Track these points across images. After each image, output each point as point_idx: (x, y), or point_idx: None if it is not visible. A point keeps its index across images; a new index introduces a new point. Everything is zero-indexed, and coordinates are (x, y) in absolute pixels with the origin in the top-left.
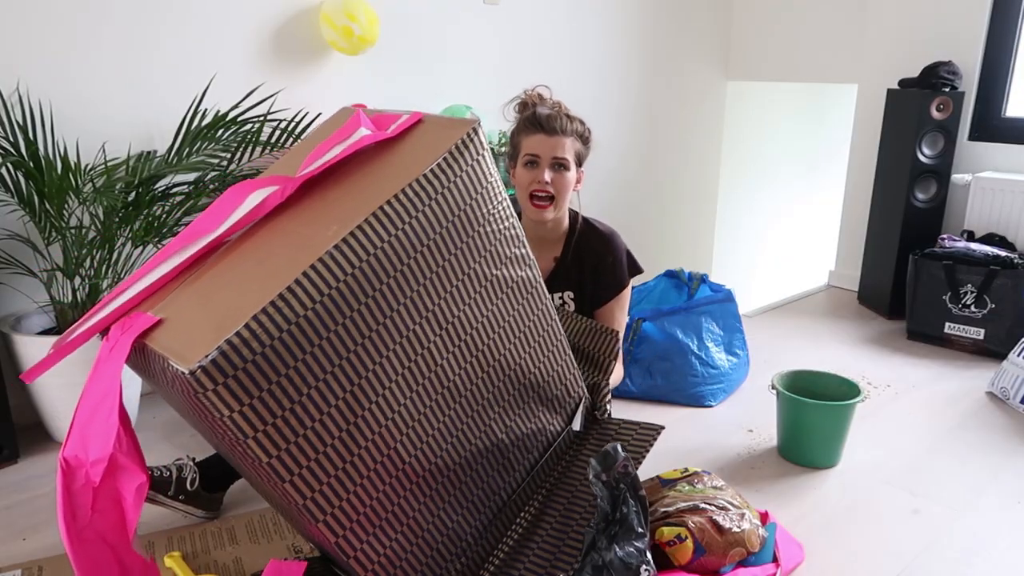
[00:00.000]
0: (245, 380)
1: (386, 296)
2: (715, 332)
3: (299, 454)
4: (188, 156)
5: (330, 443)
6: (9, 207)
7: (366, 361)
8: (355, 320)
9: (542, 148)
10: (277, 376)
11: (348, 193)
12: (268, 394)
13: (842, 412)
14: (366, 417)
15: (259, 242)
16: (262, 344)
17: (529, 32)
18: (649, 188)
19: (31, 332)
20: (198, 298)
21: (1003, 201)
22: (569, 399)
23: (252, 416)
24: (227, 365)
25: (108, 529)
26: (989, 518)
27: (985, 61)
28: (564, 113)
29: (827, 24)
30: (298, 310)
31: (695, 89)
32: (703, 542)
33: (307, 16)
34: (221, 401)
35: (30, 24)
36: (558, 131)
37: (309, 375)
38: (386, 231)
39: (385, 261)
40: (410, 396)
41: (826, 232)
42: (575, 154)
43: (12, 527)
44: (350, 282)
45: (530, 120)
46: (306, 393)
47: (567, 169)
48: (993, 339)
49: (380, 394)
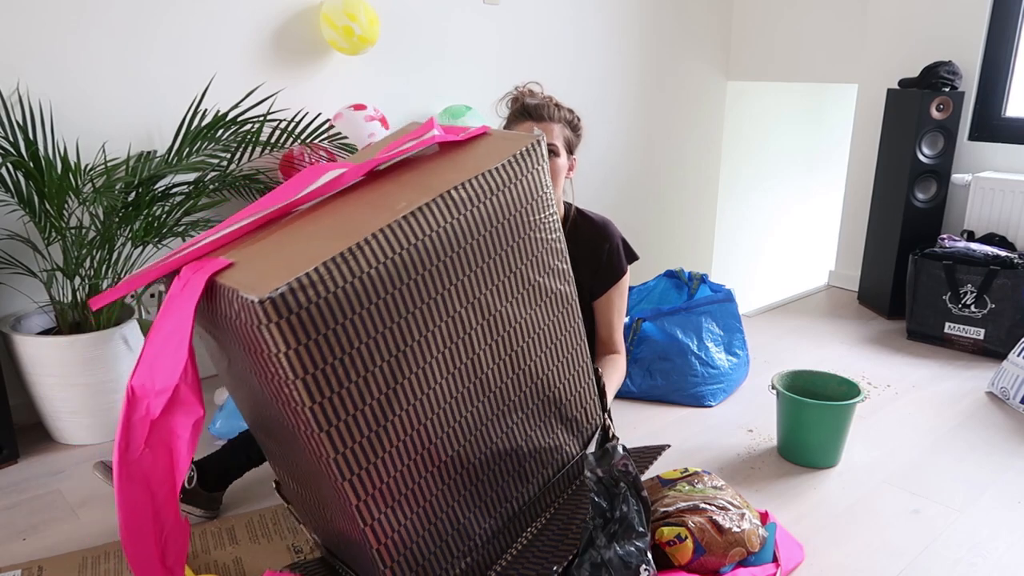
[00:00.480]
0: (306, 320)
1: (441, 274)
2: (715, 332)
3: (340, 406)
4: (188, 156)
5: (369, 403)
6: (9, 207)
7: (414, 331)
8: (411, 289)
9: None
10: (335, 323)
11: (418, 180)
12: (324, 339)
13: (842, 412)
14: (404, 386)
15: (331, 210)
16: (327, 289)
17: (529, 32)
18: (649, 188)
19: (31, 332)
20: (270, 248)
21: (1003, 201)
22: (587, 424)
23: (305, 357)
24: (293, 301)
25: (155, 470)
26: (989, 518)
27: (985, 61)
28: (553, 103)
29: (827, 24)
30: (363, 266)
31: (695, 89)
32: (703, 542)
33: (307, 16)
34: (281, 335)
35: (30, 24)
36: (546, 118)
37: (363, 330)
38: (449, 214)
39: (445, 241)
40: (446, 376)
41: (826, 232)
42: (564, 140)
43: (12, 527)
44: (412, 252)
45: (519, 110)
46: (357, 347)
47: (557, 155)
48: (993, 339)
49: (421, 367)
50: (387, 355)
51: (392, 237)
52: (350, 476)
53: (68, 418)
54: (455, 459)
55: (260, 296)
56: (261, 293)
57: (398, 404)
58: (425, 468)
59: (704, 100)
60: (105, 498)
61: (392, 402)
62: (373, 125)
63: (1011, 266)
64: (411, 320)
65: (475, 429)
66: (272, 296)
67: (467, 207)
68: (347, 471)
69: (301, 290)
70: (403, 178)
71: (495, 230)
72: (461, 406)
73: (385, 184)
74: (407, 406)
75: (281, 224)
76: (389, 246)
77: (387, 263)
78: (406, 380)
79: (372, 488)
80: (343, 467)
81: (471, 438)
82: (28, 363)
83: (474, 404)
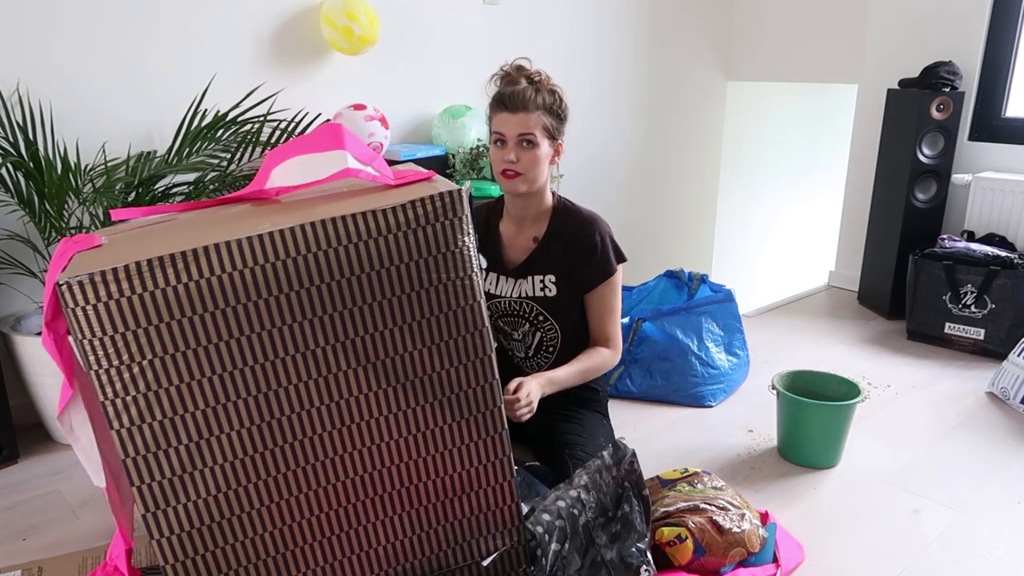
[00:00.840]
0: (115, 311)
1: (303, 302)
2: (715, 332)
3: (147, 408)
4: (188, 156)
5: (182, 413)
6: (9, 207)
7: (256, 352)
8: (257, 308)
9: (507, 127)
10: (153, 322)
11: (314, 207)
12: (134, 335)
13: (842, 412)
14: (229, 409)
15: (234, 215)
16: (146, 287)
17: (529, 32)
18: (649, 188)
19: (31, 332)
20: (140, 238)
21: (1003, 201)
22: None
23: (110, 348)
24: (104, 290)
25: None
26: (989, 518)
27: (985, 61)
28: (532, 87)
29: (827, 24)
30: (196, 273)
31: (695, 89)
32: (703, 542)
33: (307, 16)
34: (86, 320)
35: (30, 25)
36: (521, 108)
37: (189, 337)
38: (316, 243)
39: (311, 269)
40: (288, 415)
41: (826, 232)
42: (544, 128)
43: (12, 527)
44: (262, 271)
45: (496, 98)
46: (173, 353)
47: (535, 145)
48: (993, 339)
49: (256, 393)
50: (213, 370)
51: (237, 252)
52: (138, 484)
53: None
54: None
55: (64, 279)
56: (69, 275)
57: (220, 428)
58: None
59: (704, 100)
60: (105, 498)
61: (211, 425)
62: (373, 125)
63: (1011, 266)
64: (252, 340)
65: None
66: (80, 279)
67: (342, 241)
68: (135, 477)
69: (115, 281)
70: (307, 203)
71: (378, 273)
72: (302, 457)
73: (291, 204)
74: (229, 435)
75: (192, 216)
76: (231, 260)
77: (228, 275)
78: (230, 403)
79: (165, 504)
80: (133, 472)
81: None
82: (28, 363)
83: (321, 463)
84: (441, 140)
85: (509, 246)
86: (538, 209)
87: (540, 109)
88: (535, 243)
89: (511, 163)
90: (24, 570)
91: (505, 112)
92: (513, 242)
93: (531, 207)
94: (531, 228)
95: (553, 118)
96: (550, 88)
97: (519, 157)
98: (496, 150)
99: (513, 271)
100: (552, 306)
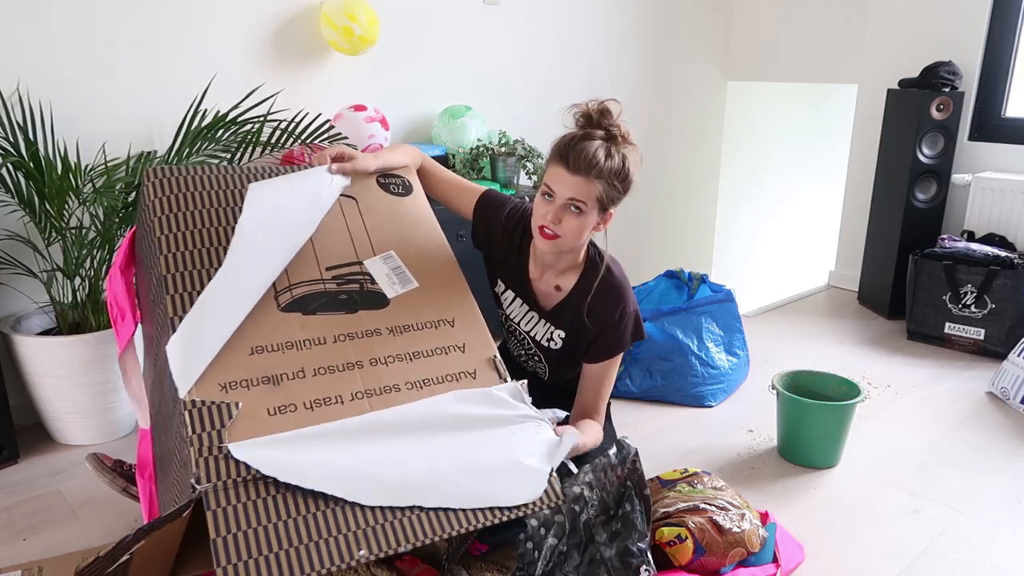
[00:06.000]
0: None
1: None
2: (715, 332)
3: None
4: (188, 156)
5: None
6: (9, 207)
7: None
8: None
9: (560, 185)
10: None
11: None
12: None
13: (842, 412)
14: None
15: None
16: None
17: (529, 32)
18: (649, 188)
19: (31, 332)
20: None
21: (1003, 201)
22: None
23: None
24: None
25: None
26: (989, 518)
27: (985, 61)
28: (605, 146)
29: (827, 24)
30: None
31: (695, 89)
32: (703, 542)
33: (307, 16)
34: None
35: (30, 25)
36: (583, 172)
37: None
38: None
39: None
40: None
41: (826, 232)
42: (597, 198)
43: (12, 527)
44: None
45: (559, 149)
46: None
47: (583, 213)
48: (993, 339)
49: None
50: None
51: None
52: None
53: (68, 418)
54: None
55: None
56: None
57: None
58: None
59: (704, 100)
60: (105, 498)
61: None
62: (373, 126)
63: (1011, 266)
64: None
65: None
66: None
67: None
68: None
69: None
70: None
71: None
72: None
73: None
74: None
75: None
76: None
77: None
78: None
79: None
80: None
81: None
82: (28, 363)
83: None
84: (441, 140)
85: (531, 276)
86: (568, 264)
87: (602, 178)
88: (556, 291)
89: (553, 224)
90: (24, 570)
91: (563, 168)
92: (534, 276)
93: (560, 261)
94: (558, 277)
95: (613, 190)
96: (623, 152)
97: (562, 220)
98: (541, 203)
99: (527, 300)
100: (551, 355)
